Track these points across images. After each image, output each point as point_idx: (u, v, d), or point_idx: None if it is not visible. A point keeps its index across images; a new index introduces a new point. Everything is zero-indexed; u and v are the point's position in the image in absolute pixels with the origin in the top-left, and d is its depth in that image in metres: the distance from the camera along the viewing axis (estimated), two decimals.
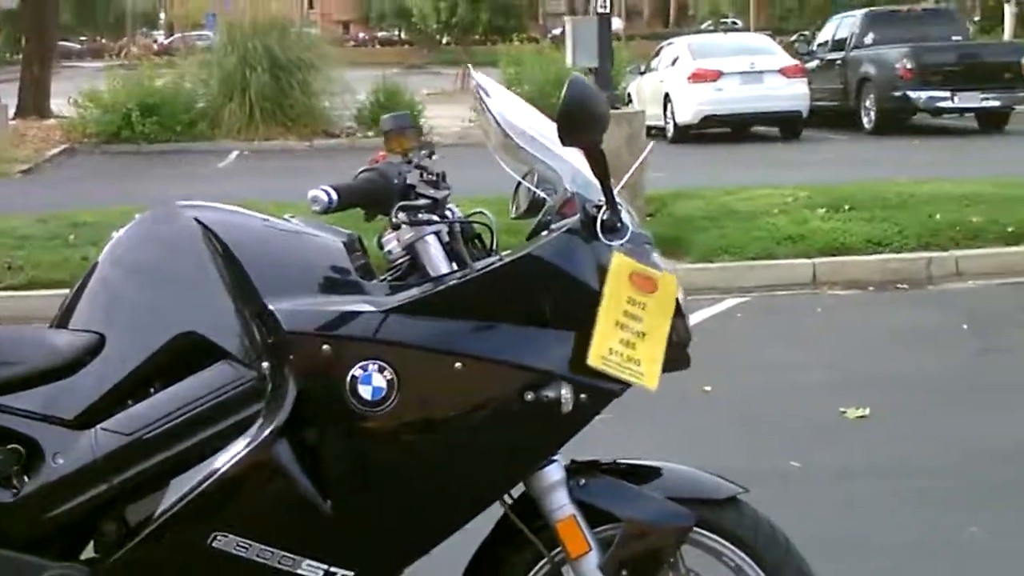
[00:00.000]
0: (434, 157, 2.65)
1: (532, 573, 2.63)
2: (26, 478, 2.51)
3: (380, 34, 68.68)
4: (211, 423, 2.48)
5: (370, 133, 20.64)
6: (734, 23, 43.60)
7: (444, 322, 2.42)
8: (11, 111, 22.94)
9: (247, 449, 2.42)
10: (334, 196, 2.44)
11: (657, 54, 21.98)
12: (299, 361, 2.41)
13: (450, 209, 2.63)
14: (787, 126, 19.80)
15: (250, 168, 16.50)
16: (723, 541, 2.60)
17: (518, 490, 2.60)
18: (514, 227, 2.71)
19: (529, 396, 2.40)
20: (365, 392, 2.38)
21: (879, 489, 4.77)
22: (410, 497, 2.48)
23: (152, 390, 2.54)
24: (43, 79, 24.89)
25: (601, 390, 2.44)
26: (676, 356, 2.49)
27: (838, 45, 21.52)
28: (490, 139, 2.64)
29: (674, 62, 20.51)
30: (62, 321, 2.64)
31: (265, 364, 2.46)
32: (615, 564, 2.53)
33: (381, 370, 2.38)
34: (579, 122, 2.33)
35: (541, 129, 2.55)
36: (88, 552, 2.62)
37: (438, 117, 22.64)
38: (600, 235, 2.43)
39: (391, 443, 2.43)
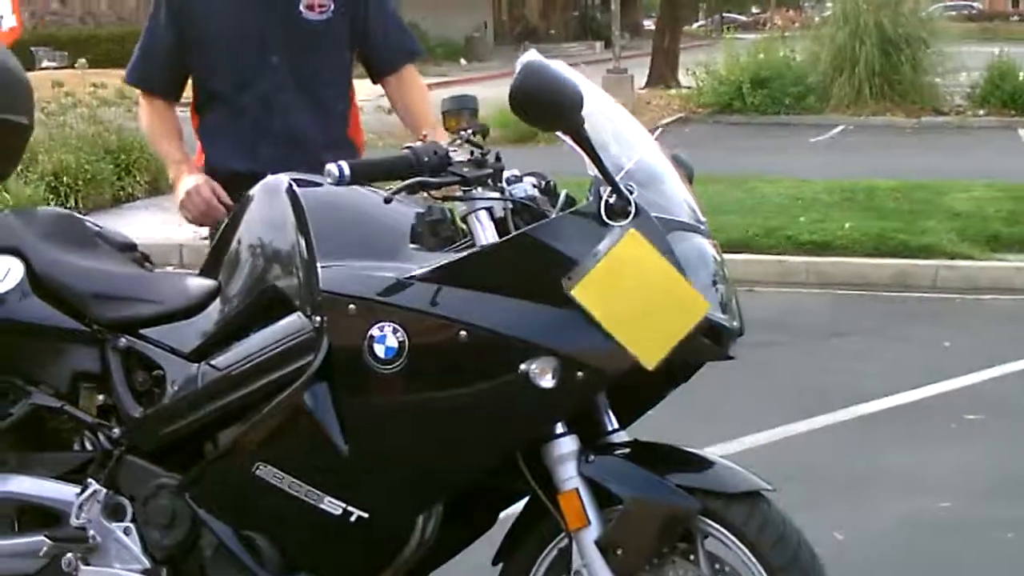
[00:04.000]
0: (487, 136, 2.75)
1: (550, 545, 2.72)
2: (153, 400, 2.96)
3: None
4: (279, 367, 2.74)
5: (981, 112, 20.16)
6: None
7: (455, 292, 2.54)
8: (642, 81, 24.63)
9: (285, 393, 2.67)
10: (346, 171, 2.57)
11: None
12: (330, 317, 2.62)
13: (521, 186, 2.72)
14: None
15: (846, 144, 16.61)
16: (727, 534, 2.58)
17: None
18: None
19: (523, 368, 2.49)
20: (379, 350, 2.56)
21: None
22: (416, 449, 2.62)
23: (249, 334, 2.85)
24: (672, 50, 26.31)
25: (596, 370, 2.51)
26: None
27: None
28: None
29: None
30: (209, 261, 3.08)
31: (317, 318, 2.66)
32: (611, 542, 2.56)
33: (395, 331, 2.55)
34: (535, 111, 2.43)
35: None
36: None
37: None
38: (606, 217, 2.52)
39: (400, 399, 2.61)
